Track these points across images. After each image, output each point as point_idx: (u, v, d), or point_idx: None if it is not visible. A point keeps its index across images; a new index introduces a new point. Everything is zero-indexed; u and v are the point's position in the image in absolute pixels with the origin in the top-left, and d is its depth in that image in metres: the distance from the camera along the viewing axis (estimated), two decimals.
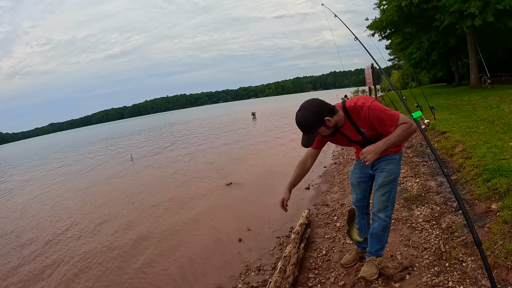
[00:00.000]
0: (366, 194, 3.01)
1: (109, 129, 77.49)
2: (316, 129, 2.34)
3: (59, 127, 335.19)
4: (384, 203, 2.71)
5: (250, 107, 55.37)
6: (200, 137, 21.87)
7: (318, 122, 2.32)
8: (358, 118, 2.44)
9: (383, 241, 2.86)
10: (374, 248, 2.89)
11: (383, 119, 2.34)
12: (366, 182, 2.95)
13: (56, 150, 36.18)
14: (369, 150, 2.29)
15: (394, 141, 2.31)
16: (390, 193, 2.71)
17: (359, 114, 2.41)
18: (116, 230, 6.21)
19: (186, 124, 40.62)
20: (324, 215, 4.93)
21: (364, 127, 2.47)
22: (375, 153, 2.28)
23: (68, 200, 9.52)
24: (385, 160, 2.71)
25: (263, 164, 10.18)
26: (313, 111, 2.32)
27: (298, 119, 2.35)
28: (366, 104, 2.37)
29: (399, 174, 2.75)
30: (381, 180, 2.71)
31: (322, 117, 2.32)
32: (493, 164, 4.35)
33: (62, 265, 5.07)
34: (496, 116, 8.14)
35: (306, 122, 2.32)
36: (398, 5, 18.66)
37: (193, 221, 6.02)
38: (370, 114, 2.35)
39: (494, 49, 23.76)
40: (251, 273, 3.84)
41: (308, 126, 2.33)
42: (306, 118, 2.32)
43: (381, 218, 2.73)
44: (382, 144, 2.30)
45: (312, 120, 2.31)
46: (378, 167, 2.76)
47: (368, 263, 2.94)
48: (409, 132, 2.34)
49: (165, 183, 9.53)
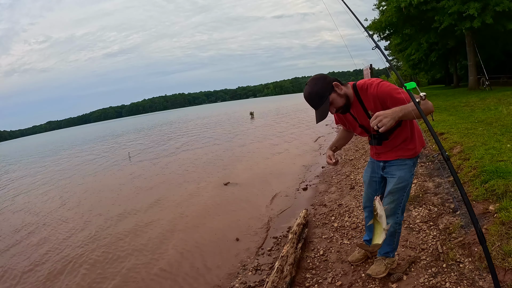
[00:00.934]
0: (377, 194, 2.94)
1: (107, 127, 77.34)
2: (327, 97, 2.27)
3: (57, 125, 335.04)
4: (392, 210, 2.63)
5: (248, 107, 55.36)
6: (198, 136, 21.84)
7: (327, 88, 2.27)
8: (366, 98, 2.36)
9: (392, 245, 2.83)
10: (384, 251, 2.87)
11: (394, 95, 2.23)
12: (378, 182, 2.85)
13: (57, 147, 36.07)
14: (385, 113, 2.04)
15: (412, 108, 2.07)
16: (400, 201, 2.62)
17: (367, 92, 2.33)
18: (111, 228, 6.20)
19: (186, 123, 40.58)
20: (321, 215, 4.93)
21: (371, 107, 2.37)
22: (391, 117, 2.03)
23: (73, 195, 9.51)
24: (396, 165, 2.61)
25: (261, 163, 10.18)
26: (319, 78, 2.29)
27: (307, 91, 2.29)
28: (376, 81, 2.32)
29: (411, 182, 2.64)
30: (390, 187, 2.63)
31: (330, 83, 2.28)
32: (491, 165, 4.35)
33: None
34: (494, 118, 8.15)
35: (315, 90, 2.26)
36: (397, 6, 18.70)
37: (190, 220, 6.00)
38: (380, 89, 2.27)
39: (492, 51, 23.82)
40: (248, 272, 3.83)
41: (318, 94, 2.26)
42: (314, 86, 2.27)
43: (389, 224, 2.65)
44: (399, 109, 2.08)
45: (320, 87, 2.26)
46: (389, 171, 2.67)
47: (377, 261, 2.92)
48: (427, 107, 2.14)
49: (163, 182, 9.50)
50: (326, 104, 2.27)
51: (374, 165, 2.82)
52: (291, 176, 7.98)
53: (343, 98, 2.35)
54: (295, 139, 14.27)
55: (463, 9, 16.19)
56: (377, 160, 2.76)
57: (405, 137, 2.54)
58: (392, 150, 2.60)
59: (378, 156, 2.72)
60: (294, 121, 22.81)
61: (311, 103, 2.30)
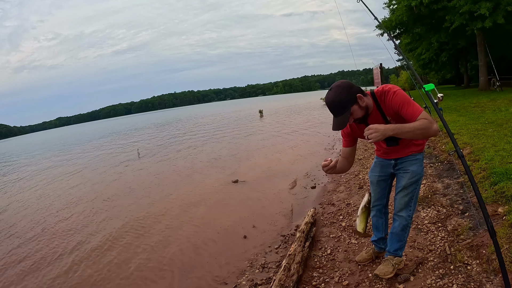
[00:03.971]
0: (385, 193, 2.95)
1: (120, 123, 77.88)
2: (349, 108, 2.26)
3: (67, 121, 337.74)
4: (406, 203, 2.68)
5: (257, 105, 55.33)
6: (207, 134, 21.96)
7: (351, 99, 2.27)
8: (384, 105, 2.38)
9: (403, 241, 2.83)
10: (393, 248, 2.87)
11: (405, 104, 2.26)
12: (385, 180, 2.89)
13: (73, 142, 36.42)
14: (377, 128, 2.11)
15: (407, 130, 2.13)
16: (413, 194, 2.66)
17: (386, 98, 2.35)
18: (121, 225, 6.27)
19: (195, 121, 40.74)
20: (329, 214, 4.94)
21: (390, 114, 2.39)
22: (381, 133, 2.10)
23: (85, 190, 9.63)
24: (408, 161, 2.66)
25: (269, 162, 10.19)
26: (345, 87, 2.27)
27: (330, 98, 2.27)
28: (393, 89, 2.33)
29: (423, 175, 2.70)
30: (405, 181, 2.65)
31: (354, 94, 2.28)
32: (500, 167, 4.33)
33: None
34: (504, 119, 8.08)
35: (339, 99, 2.24)
36: (408, 5, 18.56)
37: (199, 217, 6.06)
38: (394, 98, 2.29)
39: (504, 51, 23.53)
40: (255, 270, 3.86)
41: (340, 104, 2.24)
42: (338, 95, 2.25)
43: (403, 217, 2.71)
44: (393, 127, 2.13)
45: (345, 97, 2.25)
46: (401, 167, 2.70)
47: (385, 261, 2.92)
48: (427, 129, 2.12)
49: (172, 180, 9.59)
50: (346, 115, 2.27)
51: (383, 164, 2.84)
52: (300, 174, 7.99)
53: (363, 110, 2.36)
54: (304, 138, 14.26)
55: (475, 8, 16.01)
56: (387, 159, 2.78)
57: None
58: (402, 147, 2.64)
59: (388, 155, 2.75)
60: (304, 120, 22.79)
61: (332, 111, 2.30)
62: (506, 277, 2.10)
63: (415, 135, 2.16)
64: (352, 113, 2.30)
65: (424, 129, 2.12)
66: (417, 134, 2.15)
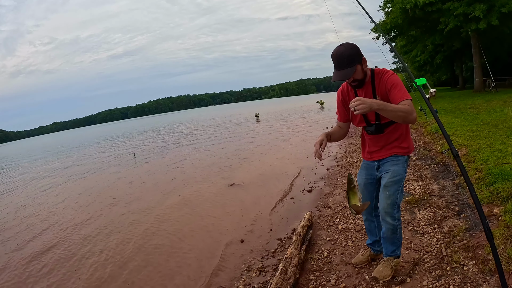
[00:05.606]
0: (373, 196, 2.93)
1: (116, 128, 77.70)
2: (355, 64, 2.37)
3: (63, 126, 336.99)
4: (390, 206, 2.65)
5: (253, 109, 55.37)
6: (203, 138, 21.94)
7: (358, 57, 2.39)
8: (379, 82, 2.48)
9: (397, 242, 2.82)
10: (390, 250, 2.86)
11: (397, 86, 2.36)
12: (372, 184, 2.88)
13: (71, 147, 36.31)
14: (364, 100, 2.15)
15: (391, 109, 2.22)
16: (396, 196, 2.64)
17: (383, 76, 2.45)
18: (117, 231, 6.24)
19: (191, 125, 40.72)
20: (326, 217, 4.93)
21: (380, 93, 2.47)
22: (368, 105, 2.14)
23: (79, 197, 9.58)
24: (390, 161, 2.67)
25: (266, 165, 10.20)
26: (355, 46, 2.39)
27: (340, 50, 2.36)
28: (390, 72, 2.46)
29: (404, 176, 2.69)
30: (386, 180, 2.66)
31: (361, 55, 2.41)
32: (496, 168, 4.34)
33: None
34: (499, 120, 8.12)
35: (349, 53, 2.35)
36: (403, 8, 18.66)
37: (195, 221, 6.04)
38: (390, 78, 2.41)
39: (498, 52, 23.71)
40: (252, 274, 3.84)
41: (349, 57, 2.35)
42: (349, 49, 2.36)
43: (389, 223, 2.69)
44: (379, 103, 2.22)
45: (355, 53, 2.37)
46: (383, 168, 2.72)
47: (384, 262, 2.90)
48: (408, 113, 2.22)
49: (168, 184, 9.55)
50: (352, 69, 2.37)
51: (368, 167, 2.86)
52: (296, 178, 7.99)
53: (363, 74, 2.47)
54: (300, 141, 14.28)
55: (469, 10, 16.12)
56: (371, 161, 2.81)
57: (400, 133, 2.64)
58: (385, 147, 2.68)
59: (371, 156, 2.78)
60: (300, 124, 22.83)
61: (339, 62, 2.37)
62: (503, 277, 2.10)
63: (397, 116, 2.26)
64: (356, 71, 2.40)
65: (406, 113, 2.23)
66: (399, 116, 2.25)
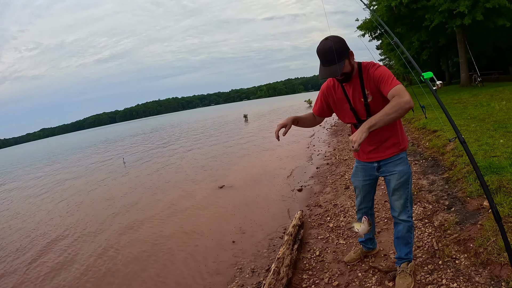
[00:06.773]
0: (371, 196, 2.86)
1: (104, 133, 77.04)
2: (344, 58, 2.23)
3: (51, 132, 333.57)
4: (402, 206, 2.59)
5: (242, 109, 55.36)
6: (191, 140, 21.83)
7: (346, 52, 2.24)
8: (367, 75, 2.33)
9: (411, 243, 2.75)
10: (404, 252, 2.77)
11: (384, 77, 2.20)
12: (370, 184, 2.78)
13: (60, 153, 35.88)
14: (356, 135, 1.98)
15: (383, 114, 2.00)
16: (407, 194, 2.58)
17: (369, 71, 2.32)
18: (107, 235, 6.16)
19: (179, 127, 40.52)
20: (317, 216, 4.91)
21: (369, 87, 2.33)
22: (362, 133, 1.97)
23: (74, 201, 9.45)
24: (392, 162, 2.55)
25: (255, 166, 10.17)
26: (342, 40, 2.24)
27: (328, 45, 2.20)
28: (377, 64, 2.33)
29: (411, 173, 2.60)
30: (393, 184, 2.57)
31: (348, 49, 2.27)
32: (484, 161, 4.37)
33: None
34: (486, 114, 8.20)
35: (338, 47, 2.18)
36: (388, 6, 18.78)
37: (186, 224, 5.97)
38: (377, 70, 2.27)
39: (484, 47, 23.96)
40: (245, 275, 3.81)
41: (338, 52, 2.17)
42: (337, 43, 2.20)
43: (405, 220, 2.63)
44: (367, 121, 2.03)
45: (343, 47, 2.22)
46: (386, 170, 2.59)
47: (400, 274, 2.75)
48: (400, 106, 2.01)
49: (158, 187, 9.46)
50: (341, 65, 2.22)
51: (366, 168, 2.71)
52: (286, 177, 7.97)
53: (350, 67, 2.31)
54: (288, 141, 14.26)
55: (453, 6, 16.26)
56: (369, 162, 2.66)
57: (393, 126, 2.50)
58: (381, 145, 2.53)
59: (369, 157, 2.62)
60: None
61: (326, 58, 2.21)
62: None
63: (394, 116, 2.01)
64: (345, 66, 2.27)
65: (398, 107, 2.01)
66: (394, 114, 2.00)
